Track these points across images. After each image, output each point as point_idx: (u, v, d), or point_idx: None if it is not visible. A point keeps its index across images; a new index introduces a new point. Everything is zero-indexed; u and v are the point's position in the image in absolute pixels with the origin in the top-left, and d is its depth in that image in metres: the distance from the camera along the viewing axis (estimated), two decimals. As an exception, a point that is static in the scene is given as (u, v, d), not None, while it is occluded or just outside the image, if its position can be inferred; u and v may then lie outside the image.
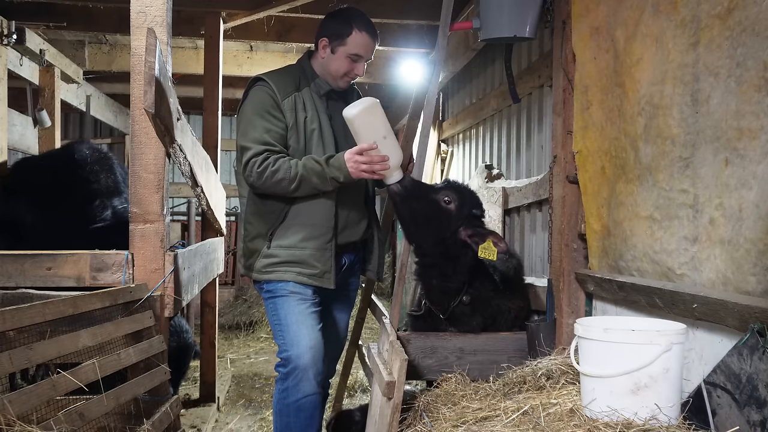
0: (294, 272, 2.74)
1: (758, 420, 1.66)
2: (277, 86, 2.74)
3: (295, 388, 2.70)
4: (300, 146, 2.76)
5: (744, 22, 1.79)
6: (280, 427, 2.79)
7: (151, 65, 2.40)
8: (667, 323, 1.98)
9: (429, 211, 2.88)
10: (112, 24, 5.36)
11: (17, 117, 5.83)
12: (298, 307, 2.74)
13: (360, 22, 2.80)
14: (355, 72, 2.83)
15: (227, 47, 6.23)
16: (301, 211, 2.76)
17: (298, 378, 2.69)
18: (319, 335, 2.75)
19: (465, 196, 2.99)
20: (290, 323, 2.73)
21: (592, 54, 2.59)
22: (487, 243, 2.82)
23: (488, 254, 2.81)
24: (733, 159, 1.84)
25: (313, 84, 2.84)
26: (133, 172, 2.75)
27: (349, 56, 2.79)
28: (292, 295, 2.75)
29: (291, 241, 2.75)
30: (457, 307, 2.96)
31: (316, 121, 2.79)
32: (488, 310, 3.00)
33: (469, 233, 2.89)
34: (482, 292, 2.98)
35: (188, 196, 7.75)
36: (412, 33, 5.64)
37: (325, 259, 2.77)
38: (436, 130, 6.45)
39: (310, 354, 2.69)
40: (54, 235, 3.45)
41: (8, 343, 2.06)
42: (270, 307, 2.81)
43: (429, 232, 2.91)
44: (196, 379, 5.07)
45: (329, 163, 2.66)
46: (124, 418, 2.52)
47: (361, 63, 2.83)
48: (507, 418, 2.04)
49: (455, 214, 2.90)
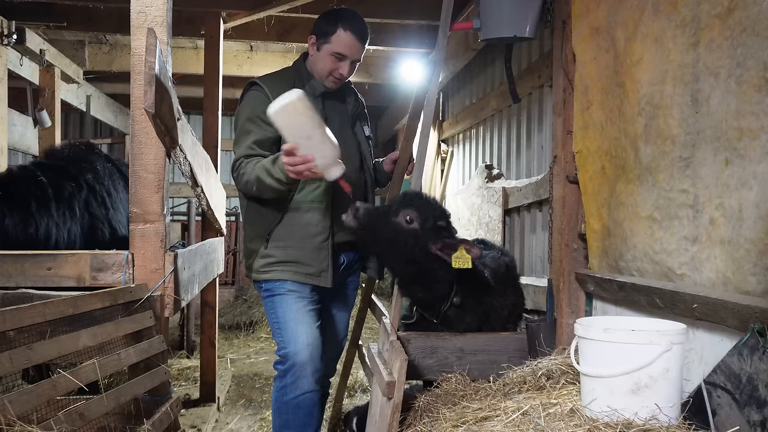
0: (291, 271, 2.76)
1: (758, 420, 1.66)
2: (270, 90, 2.73)
3: (293, 385, 2.71)
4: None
5: (744, 22, 1.79)
6: (278, 424, 2.79)
7: (151, 65, 2.39)
8: (668, 323, 1.98)
9: (392, 236, 2.72)
10: (112, 24, 5.37)
11: (17, 117, 5.84)
12: (295, 305, 2.76)
13: (347, 21, 2.77)
14: (339, 71, 2.79)
15: (227, 47, 6.24)
16: (298, 212, 2.77)
17: (296, 375, 2.70)
18: (317, 333, 2.76)
19: (426, 209, 2.79)
20: (288, 321, 2.75)
21: (592, 54, 2.59)
22: (459, 252, 2.70)
23: (463, 263, 2.70)
24: (733, 159, 1.84)
25: (308, 85, 2.82)
26: (133, 172, 2.75)
27: (333, 54, 2.76)
28: (290, 293, 2.77)
29: (287, 241, 2.77)
30: (449, 310, 2.90)
31: None
32: (480, 308, 2.97)
33: (439, 246, 2.74)
34: (472, 292, 2.93)
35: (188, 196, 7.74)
36: (412, 33, 5.64)
37: (322, 258, 2.77)
38: (436, 130, 6.45)
39: (307, 351, 2.69)
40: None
41: (8, 343, 2.06)
42: (268, 306, 2.83)
43: (398, 255, 2.75)
44: (196, 379, 5.07)
45: (275, 163, 2.57)
46: (124, 418, 2.52)
47: (346, 63, 2.79)
48: (507, 418, 2.04)
49: (420, 231, 2.72)
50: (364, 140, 3.01)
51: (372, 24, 5.44)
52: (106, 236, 3.87)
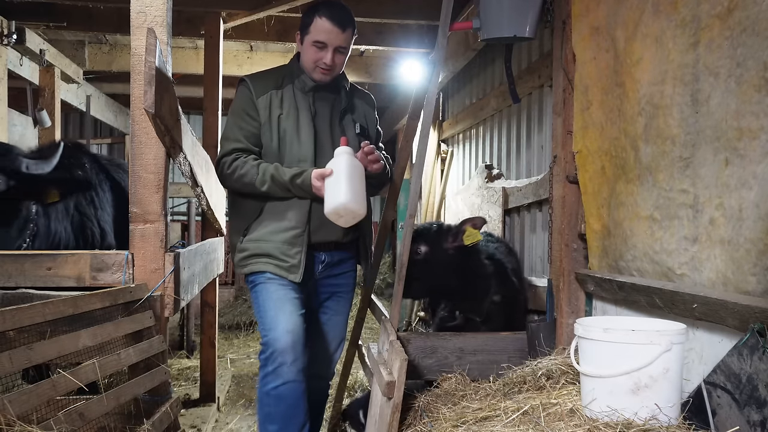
0: (263, 262, 2.76)
1: (758, 420, 1.66)
2: (254, 85, 2.78)
3: (273, 374, 2.64)
4: (273, 144, 2.78)
5: (744, 22, 1.79)
6: (261, 417, 2.73)
7: (151, 65, 2.39)
8: (667, 323, 1.98)
9: (423, 269, 3.10)
10: (112, 24, 5.36)
11: (17, 117, 5.84)
12: (276, 293, 2.73)
13: (324, 10, 2.75)
14: (323, 61, 2.75)
15: (227, 47, 6.24)
16: (276, 207, 2.78)
17: (276, 362, 2.64)
18: (298, 320, 2.70)
19: (425, 235, 3.21)
20: (268, 308, 2.72)
21: (592, 54, 2.59)
22: (468, 231, 3.07)
23: (473, 238, 3.06)
24: (733, 159, 1.84)
25: (298, 81, 2.83)
26: (133, 172, 2.75)
27: (314, 44, 2.75)
28: (271, 280, 2.75)
29: (259, 234, 2.78)
30: (489, 308, 3.19)
31: (293, 119, 2.78)
32: (513, 305, 3.18)
33: (452, 240, 3.11)
34: (503, 289, 3.19)
35: (188, 196, 7.74)
36: (412, 33, 5.64)
37: (293, 253, 2.74)
38: (436, 130, 6.45)
39: (288, 338, 2.64)
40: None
41: (8, 343, 2.06)
42: (253, 297, 2.83)
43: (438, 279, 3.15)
44: (196, 379, 5.07)
45: (294, 183, 2.69)
46: (124, 418, 2.52)
47: (328, 51, 2.75)
48: (507, 418, 2.04)
49: (434, 251, 3.12)
50: (354, 136, 2.92)
51: (372, 24, 5.49)
52: (96, 236, 3.88)
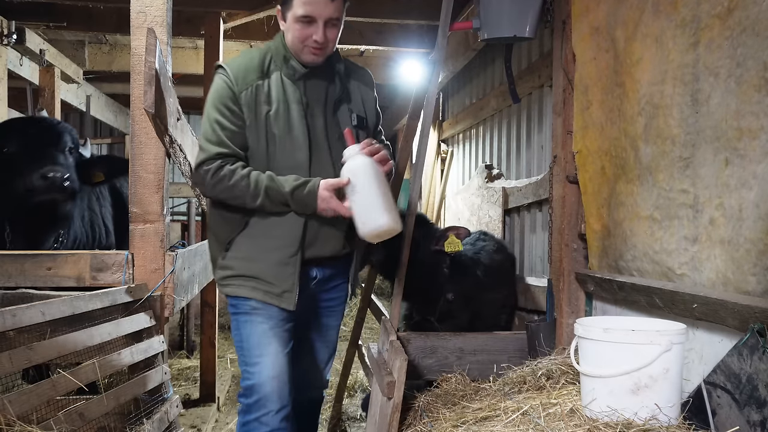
0: (249, 287, 2.38)
1: (758, 420, 1.66)
2: (235, 76, 2.34)
3: (257, 422, 2.38)
4: (260, 147, 2.36)
5: (744, 22, 1.79)
6: None
7: (151, 65, 2.40)
8: (667, 323, 1.98)
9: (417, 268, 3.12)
10: (112, 24, 5.36)
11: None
12: (260, 327, 2.39)
13: None
14: (314, 38, 2.31)
15: (227, 47, 6.22)
16: (266, 219, 2.38)
17: (260, 411, 2.37)
18: (284, 361, 2.40)
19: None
20: (252, 347, 2.39)
21: (592, 54, 2.59)
22: (450, 238, 3.16)
23: (454, 247, 3.15)
24: (733, 159, 1.84)
25: (286, 66, 2.39)
26: (133, 172, 2.75)
27: (299, 20, 2.30)
28: (255, 312, 2.39)
29: (245, 251, 2.39)
30: (442, 306, 3.24)
31: (283, 116, 2.36)
32: (471, 304, 3.21)
33: (434, 243, 3.20)
34: (463, 287, 3.20)
35: (188, 196, 7.73)
36: (412, 33, 5.63)
37: (286, 276, 2.37)
38: (436, 130, 6.45)
39: (273, 384, 2.36)
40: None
41: (8, 343, 2.06)
42: (233, 325, 2.48)
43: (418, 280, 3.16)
44: (196, 379, 5.07)
45: (296, 196, 2.31)
46: (123, 418, 2.52)
47: (317, 26, 2.30)
48: (507, 418, 2.04)
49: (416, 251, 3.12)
50: (352, 128, 2.51)
51: (372, 24, 5.49)
52: (102, 232, 3.90)
